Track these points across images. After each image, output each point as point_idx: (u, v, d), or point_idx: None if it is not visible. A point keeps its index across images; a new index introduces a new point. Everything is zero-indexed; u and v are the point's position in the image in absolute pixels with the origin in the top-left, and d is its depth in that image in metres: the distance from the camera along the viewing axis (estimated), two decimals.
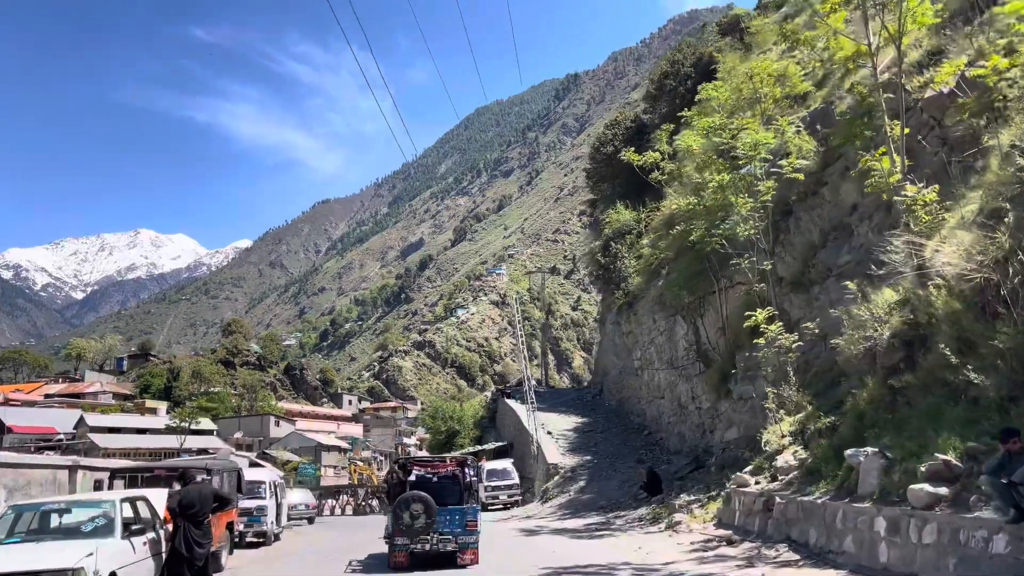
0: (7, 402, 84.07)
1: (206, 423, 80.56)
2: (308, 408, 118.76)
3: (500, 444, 41.72)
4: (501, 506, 32.74)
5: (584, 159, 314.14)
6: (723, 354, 24.93)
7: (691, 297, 27.10)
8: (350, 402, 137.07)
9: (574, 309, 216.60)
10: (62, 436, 71.79)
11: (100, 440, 67.01)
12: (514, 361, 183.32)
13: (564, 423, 37.98)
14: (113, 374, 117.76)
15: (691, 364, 28.39)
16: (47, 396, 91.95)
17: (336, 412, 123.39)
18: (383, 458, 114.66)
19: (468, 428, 48.69)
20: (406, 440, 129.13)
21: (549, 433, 35.32)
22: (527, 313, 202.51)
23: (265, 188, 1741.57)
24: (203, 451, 54.33)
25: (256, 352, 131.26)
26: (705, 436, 26.98)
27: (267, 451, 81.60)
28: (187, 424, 70.94)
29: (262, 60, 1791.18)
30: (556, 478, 29.89)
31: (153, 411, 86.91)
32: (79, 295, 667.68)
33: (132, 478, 16.08)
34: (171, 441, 72.51)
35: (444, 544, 14.75)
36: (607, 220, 41.30)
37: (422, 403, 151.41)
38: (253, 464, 28.44)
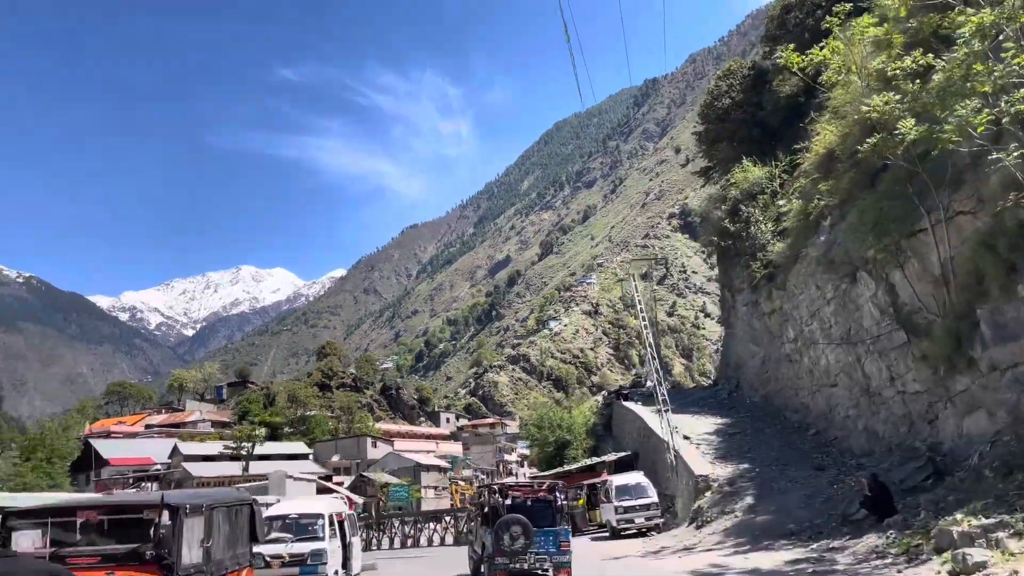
0: (109, 435, 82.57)
1: (299, 447, 76.45)
2: (406, 428, 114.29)
3: (622, 455, 34.80)
4: (636, 531, 25.91)
5: (668, 163, 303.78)
6: (948, 312, 17.60)
7: (881, 244, 19.78)
8: (448, 420, 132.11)
9: (669, 315, 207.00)
10: (159, 467, 68.89)
11: (194, 469, 63.46)
12: (611, 371, 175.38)
13: (701, 426, 30.80)
14: (213, 403, 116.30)
15: (885, 334, 21.02)
16: (147, 427, 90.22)
17: (434, 431, 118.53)
18: (484, 476, 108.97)
19: (580, 437, 41.85)
20: (507, 457, 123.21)
21: (686, 438, 28.24)
22: (621, 322, 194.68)
23: (355, 217, 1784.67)
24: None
25: (352, 374, 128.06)
26: (918, 430, 19.57)
27: (364, 474, 76.89)
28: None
29: (346, 94, 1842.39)
30: (709, 494, 22.92)
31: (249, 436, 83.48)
32: (189, 332, 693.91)
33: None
34: (270, 467, 68.50)
35: (540, 564, 15.37)
36: (732, 181, 34.20)
37: (521, 418, 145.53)
38: (321, 490, 23.02)
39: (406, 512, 49.55)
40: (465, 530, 37.67)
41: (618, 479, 27.09)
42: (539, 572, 15.20)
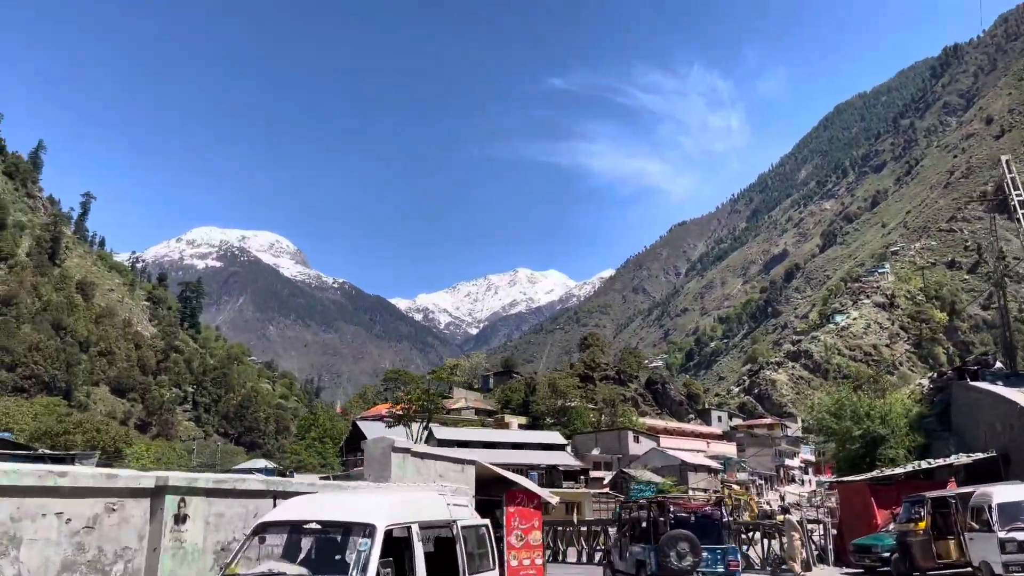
0: (382, 419, 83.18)
1: (555, 436, 70.43)
2: (672, 424, 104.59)
3: (977, 456, 23.18)
4: None
5: (978, 136, 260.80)
6: None
7: None
8: (719, 419, 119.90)
9: (985, 308, 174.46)
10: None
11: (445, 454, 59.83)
12: (912, 371, 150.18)
13: None
14: (481, 392, 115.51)
15: None
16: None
17: (704, 429, 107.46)
18: (763, 482, 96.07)
19: (900, 432, 30.16)
20: (788, 462, 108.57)
21: None
22: (924, 314, 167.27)
23: (623, 218, 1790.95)
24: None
25: (615, 367, 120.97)
26: None
27: (625, 470, 69.02)
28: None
29: (613, 97, 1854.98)
30: None
31: (506, 425, 79.57)
32: (473, 331, 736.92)
33: None
34: (523, 456, 63.28)
35: None
36: None
37: (802, 420, 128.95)
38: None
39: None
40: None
41: (1005, 493, 16.08)
42: None
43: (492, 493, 14.14)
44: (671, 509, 15.64)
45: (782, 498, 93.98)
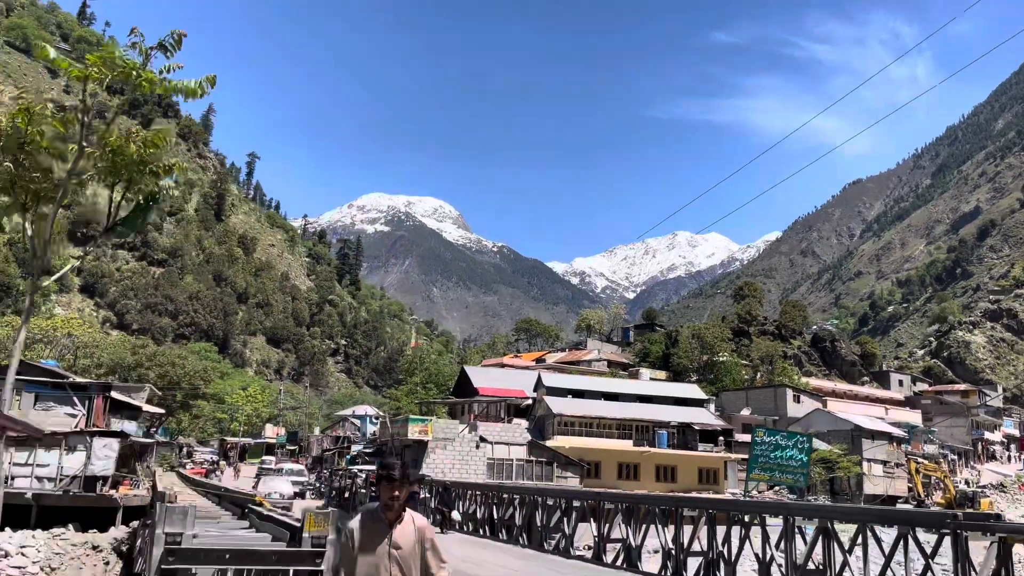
0: (502, 366, 74.59)
1: (692, 389, 58.23)
2: (843, 386, 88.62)
3: None
4: None
5: None
6: None
7: None
8: (900, 383, 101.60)
9: None
10: (530, 398, 57.05)
11: (555, 404, 49.61)
12: None
13: None
14: (621, 345, 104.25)
15: None
16: (538, 361, 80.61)
17: (881, 393, 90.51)
18: (956, 457, 78.81)
19: None
20: (987, 435, 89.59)
21: None
22: None
23: (791, 177, 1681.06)
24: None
25: (774, 320, 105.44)
26: None
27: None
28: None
29: (782, 49, 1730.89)
30: None
31: (636, 376, 68.06)
32: (630, 295, 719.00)
33: None
34: (651, 411, 51.99)
35: None
36: None
37: (1004, 388, 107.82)
38: None
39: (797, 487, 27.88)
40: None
41: None
42: None
43: None
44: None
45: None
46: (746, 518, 13.24)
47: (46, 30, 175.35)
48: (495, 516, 22.23)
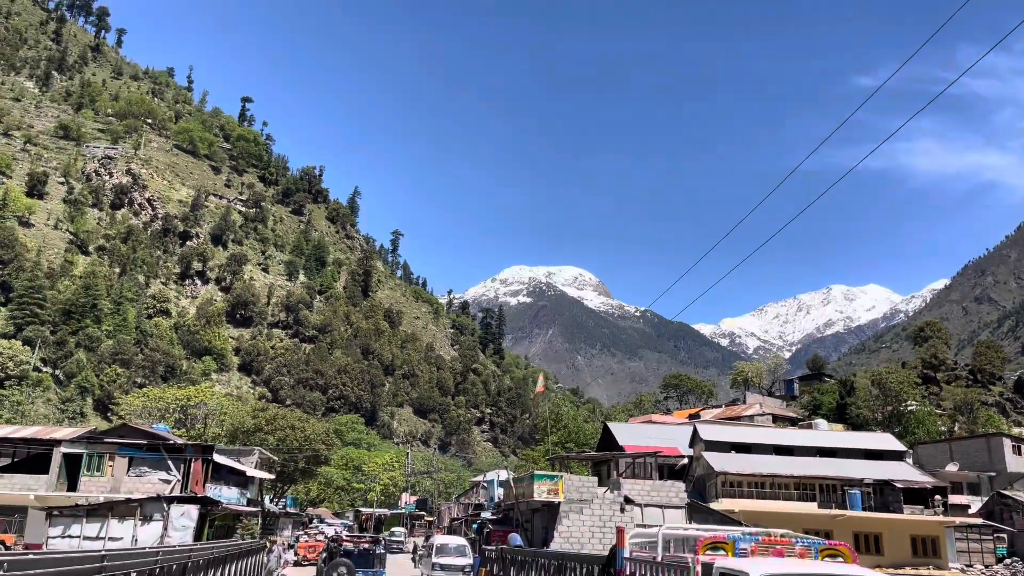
0: (651, 423, 66.80)
1: (886, 439, 48.07)
2: None
3: None
4: None
5: None
6: None
7: None
8: None
9: None
10: (685, 456, 49.11)
11: (717, 461, 41.55)
12: None
13: None
14: (783, 399, 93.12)
15: None
16: (691, 417, 71.92)
17: None
18: None
19: None
20: None
21: None
22: None
23: (955, 221, 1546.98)
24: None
25: (967, 366, 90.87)
26: None
27: (1004, 491, 44.76)
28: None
29: (935, 87, 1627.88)
30: None
31: (809, 427, 58.21)
32: (786, 354, 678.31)
33: None
34: (836, 467, 42.79)
35: None
36: None
37: None
38: None
39: None
40: None
41: None
42: None
43: None
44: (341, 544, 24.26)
45: None
46: None
47: (210, 132, 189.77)
48: None
